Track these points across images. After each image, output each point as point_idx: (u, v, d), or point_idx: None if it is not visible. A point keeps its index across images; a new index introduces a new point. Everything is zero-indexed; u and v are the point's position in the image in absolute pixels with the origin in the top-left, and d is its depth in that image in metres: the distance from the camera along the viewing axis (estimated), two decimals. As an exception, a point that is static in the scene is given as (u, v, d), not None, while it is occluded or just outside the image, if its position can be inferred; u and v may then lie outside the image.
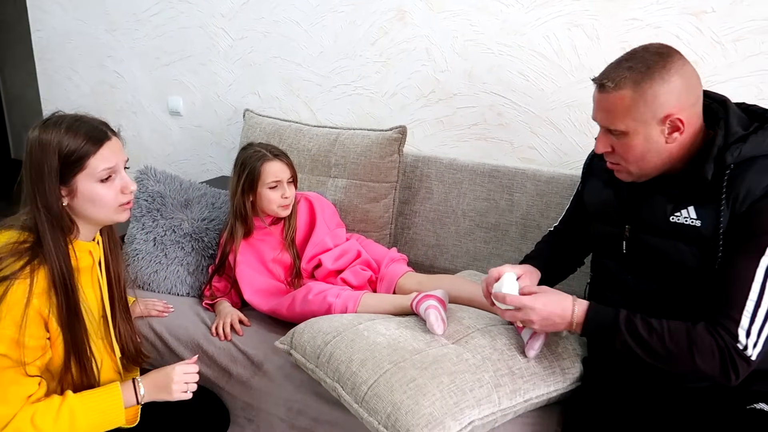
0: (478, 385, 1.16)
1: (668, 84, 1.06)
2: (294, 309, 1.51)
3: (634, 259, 1.22)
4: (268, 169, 1.62)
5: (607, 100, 1.10)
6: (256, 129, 2.15)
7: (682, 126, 1.08)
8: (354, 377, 1.19)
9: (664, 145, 1.11)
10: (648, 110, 1.07)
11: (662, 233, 1.16)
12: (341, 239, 1.75)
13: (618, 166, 1.17)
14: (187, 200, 1.85)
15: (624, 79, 1.07)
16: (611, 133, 1.13)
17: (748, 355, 1.04)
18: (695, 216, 1.12)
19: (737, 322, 1.05)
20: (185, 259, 1.75)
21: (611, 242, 1.26)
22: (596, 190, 1.32)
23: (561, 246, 1.48)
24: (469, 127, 1.99)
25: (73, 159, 1.08)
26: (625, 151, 1.13)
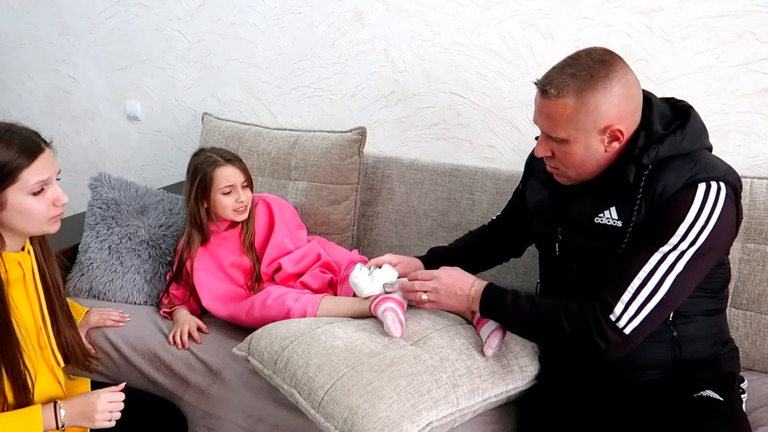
0: (436, 386, 1.16)
1: (609, 94, 1.06)
2: (253, 314, 1.49)
3: (567, 259, 1.25)
4: (220, 174, 1.60)
5: (549, 106, 1.09)
6: (215, 133, 2.12)
7: (622, 136, 1.10)
8: (311, 382, 1.17)
9: (603, 154, 1.12)
10: (589, 120, 1.08)
11: (588, 234, 1.18)
12: (302, 241, 1.74)
13: (557, 170, 1.18)
14: (143, 207, 1.81)
15: (567, 87, 1.06)
16: (552, 138, 1.13)
17: (620, 326, 1.07)
18: (616, 216, 1.14)
19: (617, 296, 1.07)
20: (142, 266, 1.72)
21: (547, 242, 1.29)
22: (535, 190, 1.34)
23: (495, 237, 1.50)
24: (429, 127, 1.99)
25: (5, 172, 1.05)
26: (565, 158, 1.14)
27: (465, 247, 1.50)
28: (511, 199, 1.50)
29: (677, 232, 1.06)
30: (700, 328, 1.17)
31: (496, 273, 1.77)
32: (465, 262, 1.42)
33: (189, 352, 1.49)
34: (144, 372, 1.50)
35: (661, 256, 1.07)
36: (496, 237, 1.49)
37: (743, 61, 1.55)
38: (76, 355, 1.23)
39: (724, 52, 1.57)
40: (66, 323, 1.23)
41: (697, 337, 1.17)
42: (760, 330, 1.41)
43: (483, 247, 1.50)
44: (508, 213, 1.49)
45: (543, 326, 1.15)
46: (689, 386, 1.14)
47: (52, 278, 1.20)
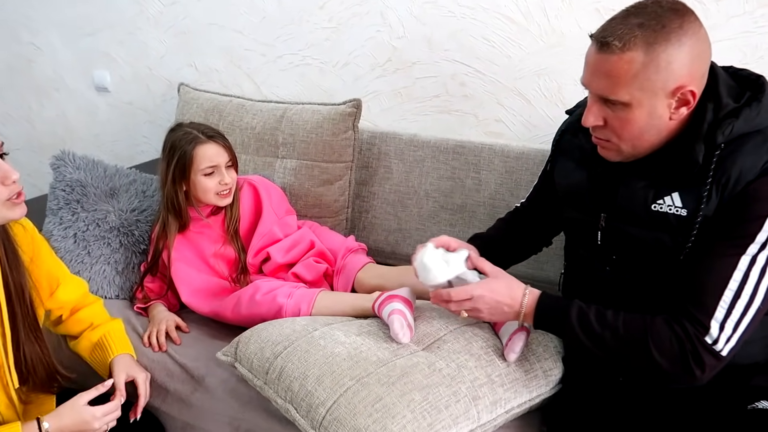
0: (455, 399, 1.01)
1: (683, 48, 0.90)
2: (240, 311, 1.33)
3: (610, 250, 1.09)
4: (201, 153, 1.41)
5: (610, 62, 0.92)
6: (193, 105, 1.94)
7: (693, 100, 0.93)
8: (309, 397, 1.02)
9: (667, 122, 0.95)
10: (659, 78, 0.91)
11: (642, 223, 1.02)
12: (292, 228, 1.57)
13: (608, 143, 1.01)
14: (112, 189, 1.63)
15: (634, 39, 0.89)
16: (608, 103, 0.96)
17: (718, 349, 0.93)
18: (680, 204, 0.98)
19: (710, 314, 0.93)
20: (112, 256, 1.54)
21: (584, 231, 1.12)
22: (567, 172, 1.16)
23: (523, 225, 1.34)
24: (430, 99, 1.84)
25: None
26: (622, 127, 0.96)
27: (501, 237, 1.33)
28: (536, 184, 1.33)
29: (764, 227, 0.91)
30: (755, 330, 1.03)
31: (506, 260, 1.65)
32: (504, 254, 1.27)
33: (167, 355, 1.33)
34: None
35: (750, 259, 0.91)
36: (524, 225, 1.33)
37: (785, 25, 1.40)
38: (36, 375, 1.07)
39: (762, 16, 1.42)
40: (29, 338, 1.06)
41: (751, 338, 1.03)
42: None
43: (515, 236, 1.33)
44: (533, 199, 1.33)
45: (622, 352, 0.97)
46: (741, 395, 1.00)
47: (16, 284, 1.04)
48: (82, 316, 1.29)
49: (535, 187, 1.33)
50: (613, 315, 0.98)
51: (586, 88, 0.99)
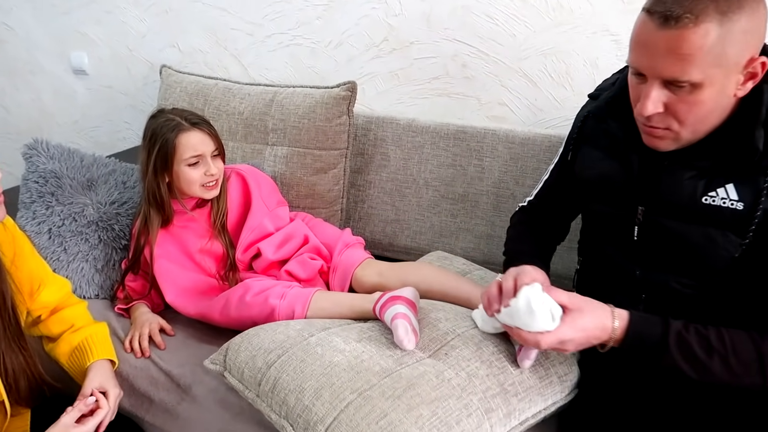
0: (466, 413, 0.92)
1: (757, 15, 0.81)
2: (229, 314, 1.23)
3: (647, 247, 0.99)
4: (184, 141, 1.31)
5: (681, 39, 0.80)
6: (176, 89, 1.82)
7: (762, 71, 0.84)
8: (307, 413, 0.92)
9: (731, 100, 0.86)
10: (734, 52, 0.81)
11: (689, 217, 0.92)
12: (284, 221, 1.47)
13: (665, 131, 0.89)
14: (90, 180, 1.52)
15: (706, 9, 0.79)
16: (672, 86, 0.85)
17: None
18: (736, 197, 0.88)
19: None
20: (91, 253, 1.44)
21: (617, 226, 1.02)
22: (595, 162, 1.05)
23: (539, 227, 1.22)
24: (429, 82, 1.74)
25: None
26: (688, 110, 0.85)
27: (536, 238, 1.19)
28: (548, 179, 1.21)
29: None
30: None
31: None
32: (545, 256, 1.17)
33: (150, 361, 1.23)
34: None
35: None
36: (541, 225, 1.22)
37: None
38: (18, 388, 0.98)
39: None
40: (11, 347, 0.98)
41: None
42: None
43: (541, 233, 1.21)
44: (545, 196, 1.21)
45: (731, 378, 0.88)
46: None
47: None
48: (63, 316, 1.19)
49: (547, 183, 1.21)
50: (717, 337, 0.88)
51: (644, 72, 0.86)
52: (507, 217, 1.31)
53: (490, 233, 1.60)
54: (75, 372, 1.14)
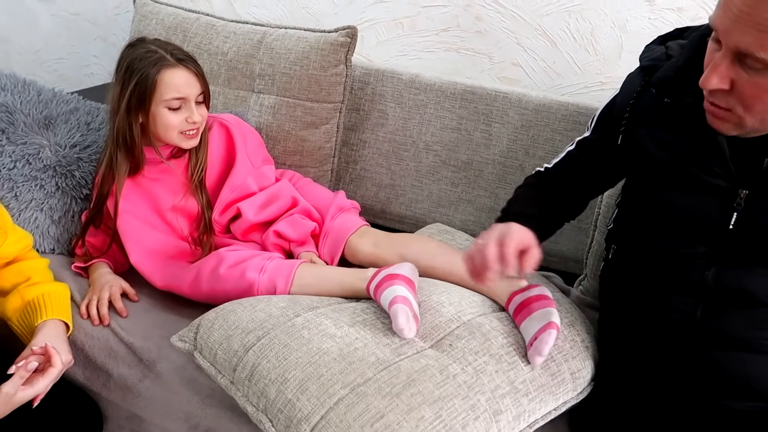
0: (473, 416, 0.81)
1: None
2: (200, 288, 1.10)
3: (743, 240, 0.86)
4: (168, 79, 1.15)
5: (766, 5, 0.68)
6: (152, 21, 1.66)
7: None
8: (290, 409, 0.80)
9: None
10: None
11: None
12: (269, 180, 1.33)
13: (727, 112, 0.78)
14: (48, 118, 1.36)
15: None
16: (745, 61, 0.73)
17: None
18: None
19: None
20: (46, 201, 1.29)
21: (707, 215, 0.89)
22: (661, 143, 0.91)
23: (552, 196, 1.09)
24: (437, 33, 1.63)
25: None
26: (755, 96, 0.74)
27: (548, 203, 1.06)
28: (573, 151, 1.07)
29: None
30: None
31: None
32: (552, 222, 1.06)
33: (110, 330, 1.09)
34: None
35: None
36: (552, 196, 1.08)
37: None
38: None
39: None
40: None
41: None
42: None
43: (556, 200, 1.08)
44: (566, 168, 1.08)
45: None
46: None
47: None
48: (20, 268, 1.08)
49: (571, 154, 1.08)
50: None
51: (720, 35, 0.74)
52: (512, 189, 1.18)
53: (492, 206, 1.50)
54: (24, 331, 1.03)
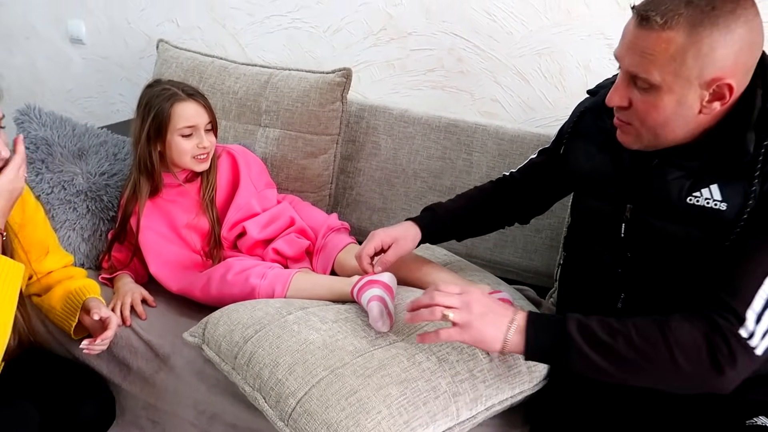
0: (434, 395, 0.95)
1: (731, 36, 0.82)
2: (209, 292, 1.25)
3: (633, 245, 1.01)
4: (180, 111, 1.32)
5: (648, 39, 0.84)
6: (172, 64, 1.83)
7: (729, 96, 0.85)
8: (279, 387, 0.95)
9: (695, 116, 0.88)
10: (696, 65, 0.83)
11: (675, 217, 0.94)
12: (271, 202, 1.49)
13: (628, 126, 0.93)
14: (81, 149, 1.52)
15: (678, 17, 0.82)
16: (637, 82, 0.88)
17: (753, 345, 0.84)
18: (719, 197, 0.90)
19: (747, 303, 0.83)
20: (78, 222, 1.45)
21: (605, 222, 1.04)
22: (588, 156, 1.07)
23: (505, 196, 1.25)
24: (424, 74, 1.76)
25: None
26: (647, 111, 0.89)
27: (471, 206, 1.24)
28: (535, 158, 1.25)
29: None
30: None
31: (493, 247, 1.59)
32: (469, 225, 1.22)
33: (131, 330, 1.25)
34: (73, 352, 1.25)
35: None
36: (507, 197, 1.25)
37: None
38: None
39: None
40: None
41: None
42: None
43: (491, 208, 1.25)
44: (528, 173, 1.24)
45: (640, 361, 0.85)
46: (739, 409, 0.95)
47: None
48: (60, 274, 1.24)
49: (533, 161, 1.24)
50: (618, 321, 0.87)
51: (618, 62, 0.91)
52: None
53: None
54: (68, 314, 1.17)
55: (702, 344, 0.84)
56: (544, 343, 0.89)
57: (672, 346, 0.84)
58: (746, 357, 0.84)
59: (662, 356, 0.85)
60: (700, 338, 0.84)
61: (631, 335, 0.86)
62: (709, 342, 0.83)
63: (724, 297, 0.85)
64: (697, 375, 0.85)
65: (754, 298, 0.83)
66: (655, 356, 0.85)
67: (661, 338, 0.85)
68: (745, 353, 0.83)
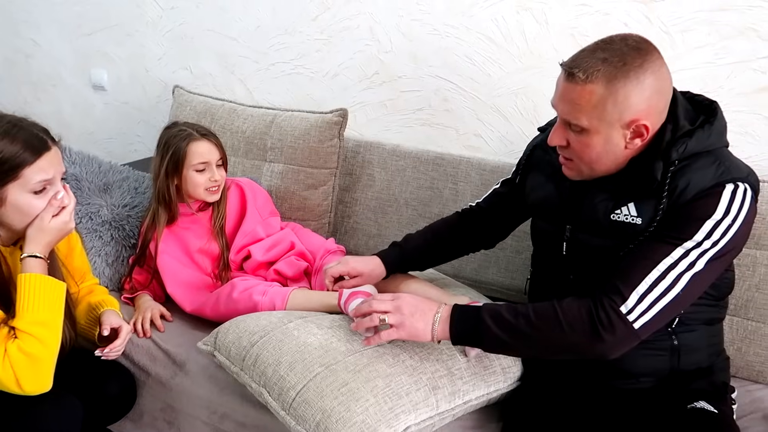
0: (415, 387, 1.09)
1: (641, 85, 0.99)
2: (218, 309, 1.40)
3: (574, 259, 1.17)
4: (194, 149, 1.50)
5: (575, 91, 1.01)
6: (186, 107, 2.02)
7: (646, 133, 1.02)
8: (281, 382, 1.09)
9: (622, 150, 1.04)
10: (615, 111, 1.00)
11: (603, 232, 1.11)
12: (274, 229, 1.65)
13: (570, 162, 1.10)
14: (106, 184, 1.70)
15: (597, 73, 0.98)
16: (570, 126, 1.05)
17: (631, 319, 1.00)
18: (635, 213, 1.07)
19: (633, 286, 1.01)
20: (103, 249, 1.61)
21: (552, 241, 1.21)
22: (538, 185, 1.25)
23: (474, 226, 1.41)
24: (413, 112, 1.92)
25: (6, 168, 1.02)
26: (581, 150, 1.06)
27: (436, 240, 1.41)
28: (498, 188, 1.41)
29: (702, 229, 1.00)
30: (701, 338, 1.12)
31: (478, 267, 1.73)
32: (435, 256, 1.38)
33: (151, 341, 1.40)
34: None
35: (684, 251, 1.00)
36: (472, 225, 1.41)
37: (742, 59, 1.50)
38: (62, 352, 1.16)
39: (723, 48, 1.52)
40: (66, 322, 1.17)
41: (697, 347, 1.12)
42: (746, 337, 1.38)
43: (456, 237, 1.41)
44: (491, 202, 1.41)
45: (537, 336, 1.04)
46: (682, 396, 1.09)
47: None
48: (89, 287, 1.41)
49: (497, 191, 1.41)
50: (523, 305, 1.06)
51: (555, 109, 1.08)
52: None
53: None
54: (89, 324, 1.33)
55: (585, 316, 1.01)
56: (465, 328, 1.07)
57: (561, 319, 1.02)
58: (623, 327, 1.00)
59: (553, 328, 1.02)
60: (585, 312, 1.01)
61: (529, 314, 1.04)
62: (591, 315, 1.01)
63: (616, 282, 1.03)
64: (581, 342, 1.02)
65: (641, 283, 1.01)
66: (547, 329, 1.03)
67: (553, 314, 1.03)
68: (621, 324, 1.00)
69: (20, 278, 1.07)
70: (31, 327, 1.04)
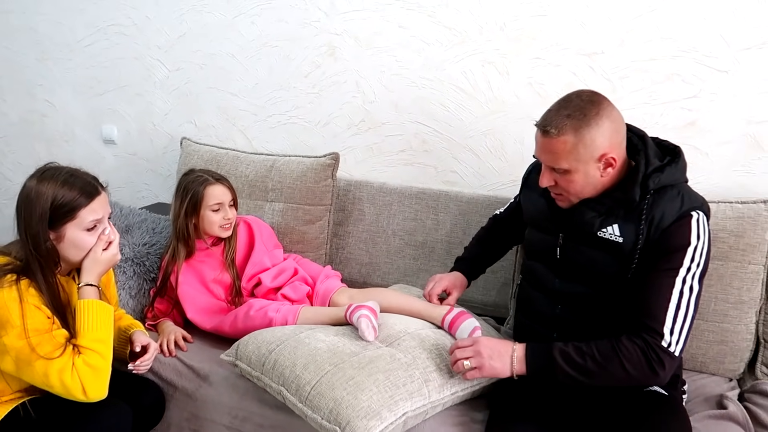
0: (410, 380, 1.30)
1: (602, 128, 1.22)
2: (236, 325, 1.59)
3: (564, 264, 1.38)
4: (210, 192, 1.71)
5: (551, 144, 1.24)
6: (194, 156, 2.21)
7: (615, 162, 1.25)
8: (298, 379, 1.29)
9: (599, 179, 1.28)
10: (587, 152, 1.23)
11: (591, 244, 1.32)
12: (279, 259, 1.85)
13: (560, 196, 1.34)
14: (127, 226, 1.89)
15: (565, 127, 1.22)
16: (555, 170, 1.28)
17: (672, 350, 1.19)
18: (618, 233, 1.29)
19: (662, 323, 1.19)
20: (127, 283, 1.78)
21: (545, 248, 1.42)
22: (532, 200, 1.48)
23: (502, 229, 1.69)
24: (396, 154, 2.13)
25: (66, 209, 1.23)
26: (567, 185, 1.29)
27: (486, 246, 1.69)
28: (513, 203, 1.69)
29: (686, 256, 1.22)
30: None
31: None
32: (491, 257, 1.66)
33: (176, 359, 1.58)
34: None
35: (681, 279, 1.21)
36: (503, 228, 1.68)
37: (671, 99, 1.78)
38: None
39: (655, 91, 1.80)
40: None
41: None
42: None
43: (497, 239, 1.69)
44: (511, 209, 1.68)
45: (602, 373, 1.20)
46: None
47: None
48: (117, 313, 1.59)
49: (511, 205, 1.69)
50: (586, 345, 1.23)
51: (539, 159, 1.32)
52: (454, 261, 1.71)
53: (443, 272, 1.96)
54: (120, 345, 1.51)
55: (641, 357, 1.19)
56: (539, 365, 1.26)
57: (623, 360, 1.20)
58: (669, 359, 1.20)
59: (617, 368, 1.20)
60: (640, 353, 1.20)
61: (594, 355, 1.22)
62: (645, 355, 1.19)
63: (645, 321, 1.21)
64: (641, 377, 1.21)
65: (666, 318, 1.21)
66: (612, 368, 1.21)
67: (614, 355, 1.20)
68: (668, 356, 1.20)
69: (81, 303, 1.27)
70: (92, 344, 1.24)
